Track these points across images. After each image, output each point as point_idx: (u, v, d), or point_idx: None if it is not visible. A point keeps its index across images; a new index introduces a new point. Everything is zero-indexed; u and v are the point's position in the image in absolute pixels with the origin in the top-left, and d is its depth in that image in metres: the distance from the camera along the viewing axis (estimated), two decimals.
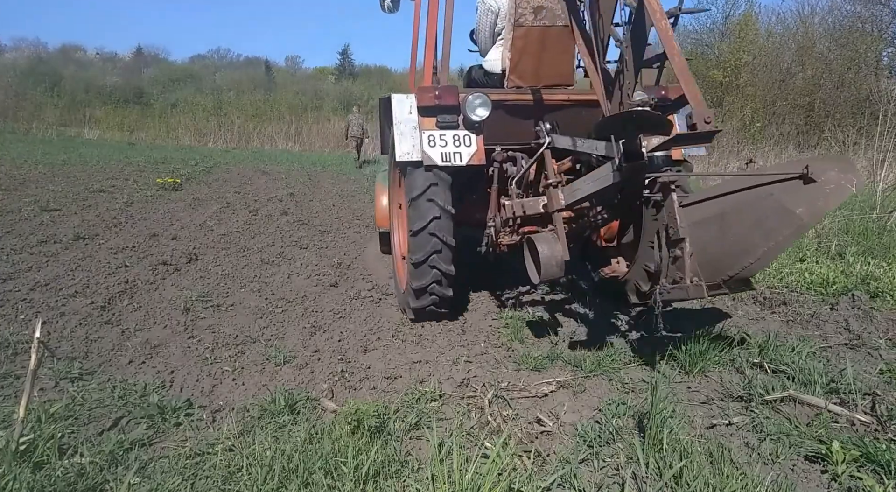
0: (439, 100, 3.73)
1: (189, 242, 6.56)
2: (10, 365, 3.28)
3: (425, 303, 3.98)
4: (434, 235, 3.74)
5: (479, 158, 3.76)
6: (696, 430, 2.70)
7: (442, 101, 3.74)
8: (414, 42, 5.20)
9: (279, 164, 17.20)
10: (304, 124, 27.97)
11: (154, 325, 4.03)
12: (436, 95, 3.73)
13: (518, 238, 3.95)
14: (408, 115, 3.80)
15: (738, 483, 2.18)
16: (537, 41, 4.04)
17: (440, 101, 3.73)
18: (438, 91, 3.75)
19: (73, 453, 2.38)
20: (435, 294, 3.92)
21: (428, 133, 3.74)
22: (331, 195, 11.04)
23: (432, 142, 3.73)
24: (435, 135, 3.75)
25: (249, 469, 2.26)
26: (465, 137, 3.78)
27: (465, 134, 3.79)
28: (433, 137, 3.74)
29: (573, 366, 3.42)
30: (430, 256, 3.79)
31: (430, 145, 3.71)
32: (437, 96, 3.73)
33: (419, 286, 3.87)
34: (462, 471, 2.15)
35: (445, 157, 3.71)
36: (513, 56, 4.08)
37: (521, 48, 4.05)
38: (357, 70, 53.12)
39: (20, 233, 6.51)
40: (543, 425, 2.74)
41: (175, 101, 33.59)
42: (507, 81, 4.17)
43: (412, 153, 3.71)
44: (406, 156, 3.71)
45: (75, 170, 12.72)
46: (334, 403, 2.94)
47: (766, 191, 2.50)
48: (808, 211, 2.41)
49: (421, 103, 3.78)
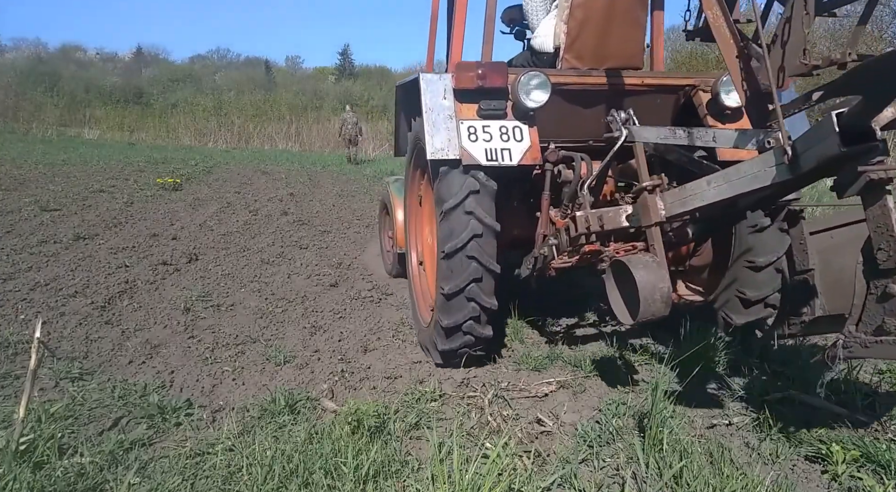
0: (483, 80, 2.97)
1: (189, 242, 6.56)
2: (11, 365, 3.28)
3: (457, 344, 3.18)
4: (474, 258, 2.99)
5: (533, 156, 3.01)
6: (696, 430, 2.70)
7: (487, 81, 2.97)
8: (433, 13, 4.23)
9: (279, 164, 17.20)
10: (304, 124, 27.99)
11: (154, 325, 4.03)
12: (479, 74, 2.95)
13: (576, 259, 3.14)
14: (441, 101, 3.02)
15: (738, 483, 2.18)
16: (602, 12, 3.30)
17: (484, 81, 2.97)
18: (482, 69, 2.96)
19: (73, 453, 2.38)
20: (471, 334, 3.14)
21: (468, 123, 3.00)
22: (331, 195, 11.05)
23: (473, 135, 2.98)
24: (477, 126, 3.00)
25: (249, 469, 2.26)
26: (514, 130, 3.02)
27: (514, 125, 3.03)
28: (474, 128, 2.99)
29: (573, 366, 3.42)
30: (468, 286, 3.02)
31: (470, 139, 2.97)
32: (480, 75, 2.96)
33: (451, 324, 3.09)
34: (462, 471, 2.15)
35: (491, 154, 2.96)
36: (570, 30, 3.33)
37: (582, 20, 3.30)
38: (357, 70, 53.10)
39: (20, 233, 6.51)
40: (543, 425, 2.74)
41: (175, 102, 33.60)
42: (562, 62, 3.42)
43: (447, 149, 2.96)
44: (439, 153, 2.96)
45: (75, 170, 12.72)
46: (334, 403, 2.94)
47: None
48: None
49: (459, 85, 3.02)
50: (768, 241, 3.16)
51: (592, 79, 3.30)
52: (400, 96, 4.05)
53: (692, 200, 2.52)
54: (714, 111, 3.25)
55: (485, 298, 3.08)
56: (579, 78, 3.29)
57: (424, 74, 3.13)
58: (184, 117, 29.36)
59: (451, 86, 3.06)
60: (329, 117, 29.36)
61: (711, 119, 3.23)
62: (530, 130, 3.06)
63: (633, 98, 3.32)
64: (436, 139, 2.98)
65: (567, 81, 3.24)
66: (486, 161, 2.97)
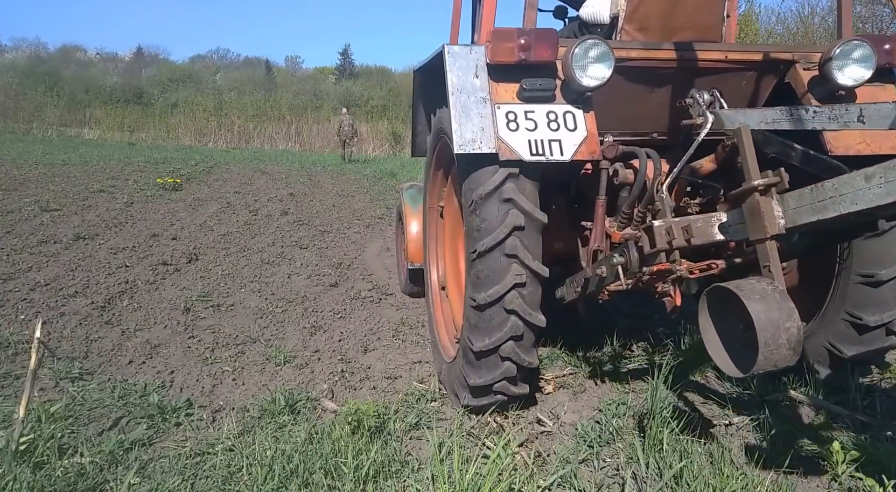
0: (527, 53, 2.32)
1: (189, 242, 6.56)
2: (11, 365, 3.28)
3: (485, 402, 2.68)
4: (514, 312, 2.40)
5: (590, 150, 2.37)
6: (696, 430, 2.70)
7: (532, 54, 2.32)
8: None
9: (279, 164, 17.21)
10: (304, 124, 28.03)
11: (154, 325, 4.03)
12: (521, 45, 2.32)
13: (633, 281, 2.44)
14: (472, 80, 2.38)
15: (738, 483, 2.18)
16: None
17: (528, 54, 2.32)
18: (525, 38, 2.32)
19: (73, 453, 2.37)
20: (503, 393, 2.62)
21: (507, 108, 2.35)
22: (331, 195, 11.05)
23: (513, 122, 2.33)
24: (518, 111, 2.35)
25: (249, 469, 2.26)
26: (566, 116, 2.37)
27: (566, 110, 2.38)
28: (514, 114, 2.35)
29: (573, 366, 3.42)
30: (505, 344, 2.45)
31: (509, 128, 2.32)
32: (523, 46, 2.32)
33: (480, 383, 2.57)
34: (462, 471, 2.15)
35: (536, 148, 2.31)
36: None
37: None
38: (357, 70, 53.12)
39: (20, 233, 6.51)
40: (543, 425, 2.74)
41: (175, 102, 33.60)
42: (621, 34, 2.83)
43: (479, 140, 2.31)
44: (469, 145, 2.31)
45: (75, 170, 12.72)
46: (334, 403, 2.94)
47: None
48: None
49: (496, 59, 2.37)
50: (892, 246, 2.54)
51: (663, 53, 2.59)
52: (419, 84, 3.33)
53: (836, 203, 1.79)
54: (821, 93, 2.58)
55: (523, 356, 2.50)
56: (647, 52, 2.58)
57: (450, 47, 2.48)
58: (184, 117, 29.40)
59: (484, 60, 2.40)
60: (329, 117, 29.39)
61: (816, 103, 2.53)
62: (586, 116, 2.40)
63: (714, 77, 2.67)
64: (465, 128, 2.31)
65: (632, 56, 2.54)
66: (531, 156, 2.31)
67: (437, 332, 3.22)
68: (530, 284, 2.40)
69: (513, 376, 2.55)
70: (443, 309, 3.31)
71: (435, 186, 3.35)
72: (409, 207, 4.31)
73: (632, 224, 2.54)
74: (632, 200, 2.57)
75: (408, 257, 4.27)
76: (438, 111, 2.88)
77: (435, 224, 3.44)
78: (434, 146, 3.13)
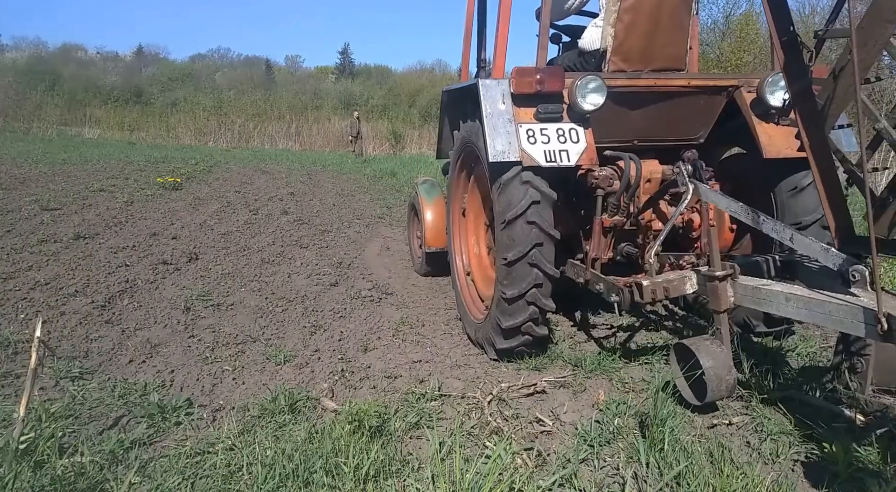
0: (542, 85, 3.05)
1: (189, 241, 6.56)
2: (11, 364, 3.28)
3: (515, 344, 3.34)
4: (535, 265, 3.11)
5: (589, 157, 3.11)
6: (696, 430, 2.70)
7: (545, 86, 3.06)
8: (468, 19, 4.42)
9: (279, 163, 17.21)
10: (304, 124, 28.01)
11: (154, 324, 4.03)
12: (538, 80, 3.05)
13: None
14: (500, 106, 3.10)
15: (739, 483, 2.18)
16: (648, 16, 3.41)
17: (543, 86, 3.06)
18: (541, 74, 3.06)
19: (73, 453, 2.38)
20: (529, 334, 3.29)
21: (526, 127, 3.08)
22: (331, 194, 11.05)
23: (532, 137, 3.06)
24: (535, 129, 3.08)
25: (250, 469, 2.26)
26: (571, 132, 3.11)
27: (571, 128, 3.12)
28: (532, 131, 3.07)
29: (573, 366, 3.42)
30: (529, 291, 3.15)
31: (529, 142, 3.05)
32: (539, 81, 3.05)
33: (511, 325, 3.23)
34: (463, 471, 2.15)
35: (550, 156, 3.04)
36: (617, 33, 3.43)
37: (629, 24, 3.41)
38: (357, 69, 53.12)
39: (20, 232, 6.51)
40: (543, 425, 2.74)
41: (175, 101, 33.60)
42: (608, 64, 3.52)
43: (508, 152, 3.02)
44: (500, 155, 3.03)
45: (75, 169, 12.72)
46: (334, 402, 2.94)
47: None
48: None
49: (518, 90, 3.10)
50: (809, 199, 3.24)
51: (642, 81, 3.35)
52: (446, 101, 4.21)
53: (764, 304, 2.60)
54: (758, 111, 3.30)
55: (544, 301, 3.20)
56: (630, 80, 3.34)
57: (483, 81, 3.19)
58: (184, 117, 29.37)
59: (509, 91, 3.13)
60: (329, 117, 29.38)
61: (756, 118, 3.28)
62: (586, 131, 3.14)
63: (680, 99, 3.42)
64: (497, 142, 3.04)
65: (619, 84, 3.27)
66: (546, 162, 3.05)
67: (467, 309, 3.88)
68: (546, 244, 3.11)
69: (536, 318, 3.22)
70: (469, 291, 4.01)
71: (458, 186, 4.04)
72: (425, 199, 5.03)
73: (619, 212, 3.43)
74: (619, 193, 3.35)
75: (425, 243, 5.00)
76: (463, 125, 3.65)
77: (458, 221, 4.14)
78: (460, 152, 3.84)
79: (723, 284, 2.74)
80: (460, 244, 4.14)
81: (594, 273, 3.36)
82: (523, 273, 3.11)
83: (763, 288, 2.62)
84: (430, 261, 5.13)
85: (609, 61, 3.52)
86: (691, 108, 3.48)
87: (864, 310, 2.15)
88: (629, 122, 3.45)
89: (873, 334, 2.11)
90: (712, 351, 2.65)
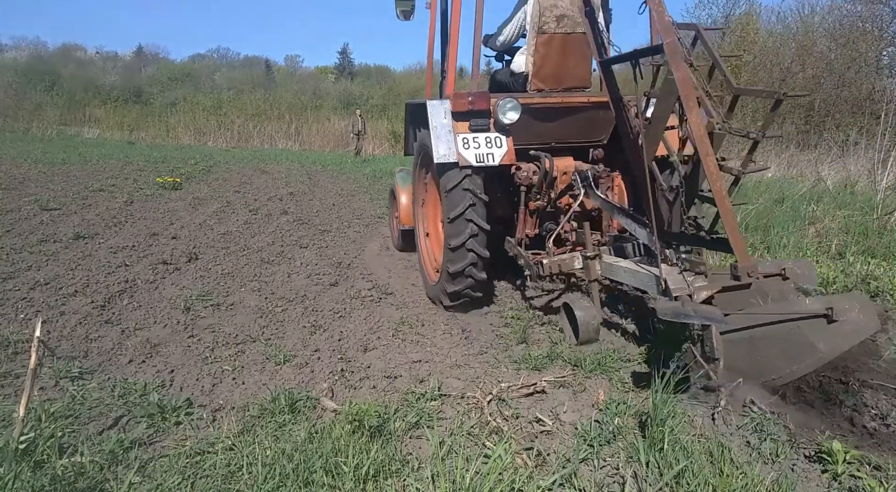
0: (472, 105, 3.96)
1: (189, 241, 6.56)
2: (11, 364, 3.28)
3: (461, 286, 4.15)
4: (471, 220, 3.96)
5: (510, 158, 4.01)
6: (696, 429, 2.70)
7: (475, 106, 3.96)
8: (429, 49, 5.34)
9: (279, 163, 17.18)
10: (303, 124, 27.94)
11: (154, 324, 4.03)
12: (469, 101, 3.95)
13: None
14: (443, 120, 4.01)
15: (738, 483, 2.18)
16: (558, 48, 4.32)
17: (473, 106, 3.96)
18: (471, 97, 3.96)
19: (73, 452, 2.38)
20: (471, 277, 4.11)
21: (462, 136, 3.96)
22: (330, 194, 11.04)
23: (466, 144, 3.95)
24: (469, 138, 3.97)
25: (250, 468, 2.26)
26: (495, 139, 4.00)
27: (495, 136, 4.00)
28: (467, 139, 3.96)
29: (573, 366, 3.42)
30: (468, 241, 3.98)
31: (464, 147, 3.95)
32: (470, 102, 3.95)
33: (456, 270, 4.06)
34: (463, 470, 2.15)
35: (479, 158, 3.95)
36: (535, 61, 4.36)
37: (544, 54, 4.33)
38: (357, 69, 53.08)
39: (20, 232, 6.51)
40: (543, 425, 2.74)
41: (175, 101, 33.53)
42: (530, 85, 4.43)
43: (449, 155, 3.93)
44: (443, 158, 3.94)
45: (75, 169, 12.71)
46: (334, 402, 2.94)
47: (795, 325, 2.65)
48: (828, 347, 2.58)
49: (455, 109, 3.99)
50: None
51: (552, 99, 4.28)
52: (411, 112, 5.10)
53: (614, 274, 3.76)
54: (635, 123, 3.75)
55: (480, 249, 4.04)
56: (542, 99, 4.27)
57: (431, 101, 4.08)
58: (183, 116, 29.29)
59: (449, 109, 4.01)
60: (329, 116, 29.33)
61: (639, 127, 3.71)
62: (507, 139, 4.04)
63: (583, 112, 4.34)
64: (440, 148, 3.95)
65: (534, 102, 4.21)
66: (476, 163, 3.95)
67: (425, 267, 4.90)
68: (479, 235, 4.03)
69: (475, 263, 4.08)
70: (427, 251, 4.98)
71: (420, 176, 4.97)
72: (400, 186, 5.89)
73: (541, 198, 4.33)
74: (539, 184, 4.23)
75: (400, 222, 5.93)
76: (420, 132, 4.60)
77: (421, 197, 5.10)
78: (419, 153, 4.77)
79: (593, 261, 3.84)
80: (422, 214, 5.08)
81: (518, 249, 4.29)
82: (462, 227, 4.00)
83: (613, 264, 3.73)
84: (405, 237, 6.03)
85: (531, 81, 4.43)
86: (593, 117, 4.37)
87: (656, 277, 3.20)
88: (546, 129, 4.34)
89: (658, 292, 3.13)
90: (584, 306, 3.64)
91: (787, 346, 2.66)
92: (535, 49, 4.33)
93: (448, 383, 3.19)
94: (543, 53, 4.33)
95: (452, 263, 4.05)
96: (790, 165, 12.78)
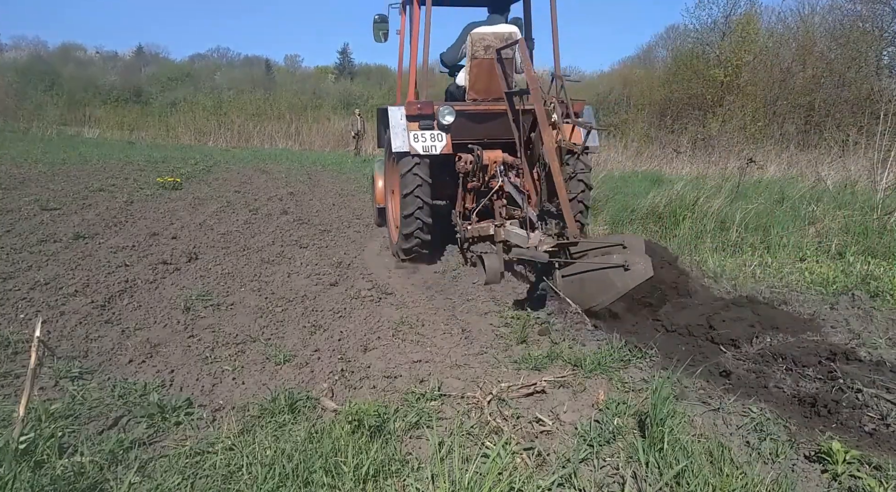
0: (420, 110, 5.39)
1: (189, 241, 6.55)
2: (11, 364, 3.28)
3: (412, 244, 5.57)
4: (418, 196, 5.39)
5: (448, 149, 5.45)
6: (696, 430, 2.70)
7: (422, 111, 5.40)
8: (399, 66, 6.84)
9: (279, 163, 17.18)
10: (303, 123, 27.91)
11: (154, 324, 4.03)
12: (418, 108, 5.40)
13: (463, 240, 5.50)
14: (400, 120, 5.45)
15: (738, 483, 2.18)
16: (487, 70, 5.50)
17: (421, 111, 5.39)
18: (420, 105, 5.41)
19: (73, 452, 2.38)
20: (418, 238, 5.53)
21: (413, 132, 5.39)
22: (330, 194, 11.03)
23: (416, 138, 5.37)
24: (418, 134, 5.40)
25: (249, 468, 2.26)
26: (437, 135, 5.44)
27: (437, 133, 5.44)
28: (417, 135, 5.39)
29: (573, 366, 3.42)
30: (415, 211, 5.40)
31: (415, 141, 5.36)
32: (419, 108, 5.39)
33: (407, 232, 5.50)
34: (462, 470, 2.15)
35: (425, 148, 5.38)
36: (470, 78, 5.69)
37: (476, 74, 5.60)
38: (357, 69, 53.04)
39: (20, 232, 6.51)
40: (543, 425, 2.74)
41: (175, 101, 33.52)
42: (468, 96, 5.80)
43: (403, 146, 5.37)
44: (399, 148, 5.38)
45: (75, 169, 12.70)
46: (334, 402, 2.94)
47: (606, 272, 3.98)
48: (622, 285, 3.93)
49: (408, 113, 5.44)
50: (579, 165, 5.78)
51: (482, 107, 5.65)
52: (381, 115, 6.61)
53: (510, 239, 4.69)
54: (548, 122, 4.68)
55: (425, 218, 5.45)
56: (473, 106, 5.66)
57: (391, 107, 5.54)
58: (183, 116, 29.26)
59: (404, 113, 5.45)
60: (329, 116, 29.32)
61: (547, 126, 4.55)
62: (447, 135, 5.46)
63: (504, 117, 5.29)
64: (396, 141, 5.38)
65: (467, 109, 5.61)
66: (423, 152, 5.37)
67: (390, 229, 6.35)
68: (424, 207, 5.44)
69: (421, 227, 5.48)
70: (392, 226, 6.26)
71: (389, 163, 6.16)
72: (378, 172, 7.26)
73: (476, 180, 5.55)
74: (473, 170, 5.50)
75: (375, 201, 7.40)
76: (385, 131, 5.86)
77: (389, 179, 6.42)
78: (387, 146, 5.84)
79: (499, 228, 4.84)
80: (390, 200, 6.47)
81: (456, 219, 5.66)
82: (412, 202, 5.39)
83: (510, 230, 4.73)
84: (381, 214, 7.31)
85: (468, 93, 5.75)
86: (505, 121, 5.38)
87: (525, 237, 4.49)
88: (479, 128, 5.67)
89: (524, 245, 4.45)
90: (492, 257, 4.51)
91: (601, 285, 4.00)
92: (470, 69, 5.60)
93: (448, 383, 3.19)
94: (476, 73, 5.57)
95: (405, 228, 5.47)
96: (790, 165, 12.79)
